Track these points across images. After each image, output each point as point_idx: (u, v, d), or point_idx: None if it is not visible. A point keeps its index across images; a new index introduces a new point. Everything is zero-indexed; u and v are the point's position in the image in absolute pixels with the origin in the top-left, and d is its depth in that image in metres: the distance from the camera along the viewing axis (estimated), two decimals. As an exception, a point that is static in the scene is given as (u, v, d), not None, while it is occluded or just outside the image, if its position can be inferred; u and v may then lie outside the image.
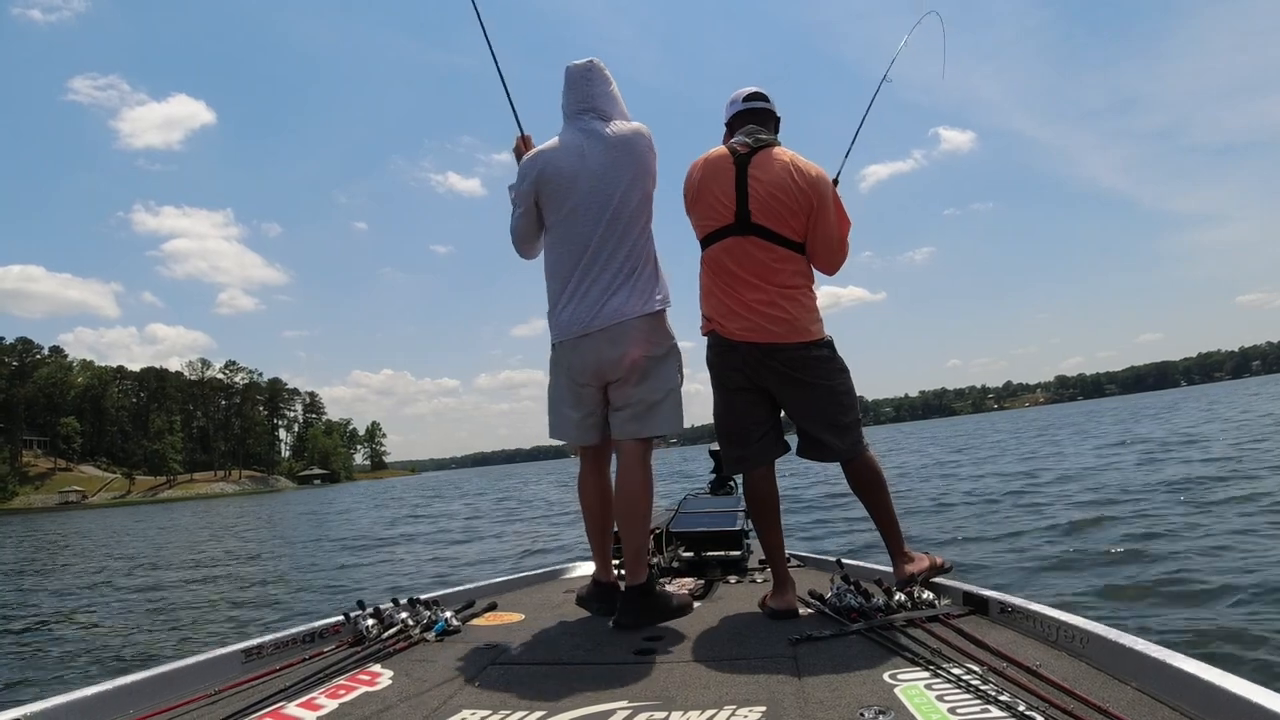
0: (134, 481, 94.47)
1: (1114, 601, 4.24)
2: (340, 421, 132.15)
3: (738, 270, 2.31)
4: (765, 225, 2.28)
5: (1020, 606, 1.95)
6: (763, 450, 2.41)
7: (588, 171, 2.32)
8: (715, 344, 2.42)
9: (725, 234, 2.33)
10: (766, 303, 2.29)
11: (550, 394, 2.51)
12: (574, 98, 2.41)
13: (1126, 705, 1.38)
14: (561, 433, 2.50)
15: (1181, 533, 5.79)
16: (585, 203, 2.33)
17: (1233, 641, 3.31)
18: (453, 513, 18.10)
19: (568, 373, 2.41)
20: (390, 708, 1.66)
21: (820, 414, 2.35)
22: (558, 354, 2.44)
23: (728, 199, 2.32)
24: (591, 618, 2.48)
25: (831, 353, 2.37)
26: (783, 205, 2.27)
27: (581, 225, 2.33)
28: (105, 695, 1.66)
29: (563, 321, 2.37)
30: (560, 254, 2.39)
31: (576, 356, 2.36)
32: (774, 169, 2.30)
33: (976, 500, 9.38)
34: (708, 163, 2.40)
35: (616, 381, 2.35)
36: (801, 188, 2.27)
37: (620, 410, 2.37)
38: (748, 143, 2.36)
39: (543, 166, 2.36)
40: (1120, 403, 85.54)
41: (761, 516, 2.44)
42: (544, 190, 2.37)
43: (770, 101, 2.50)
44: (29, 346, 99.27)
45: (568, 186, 2.33)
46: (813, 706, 1.51)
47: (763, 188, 2.28)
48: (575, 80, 2.41)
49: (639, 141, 2.38)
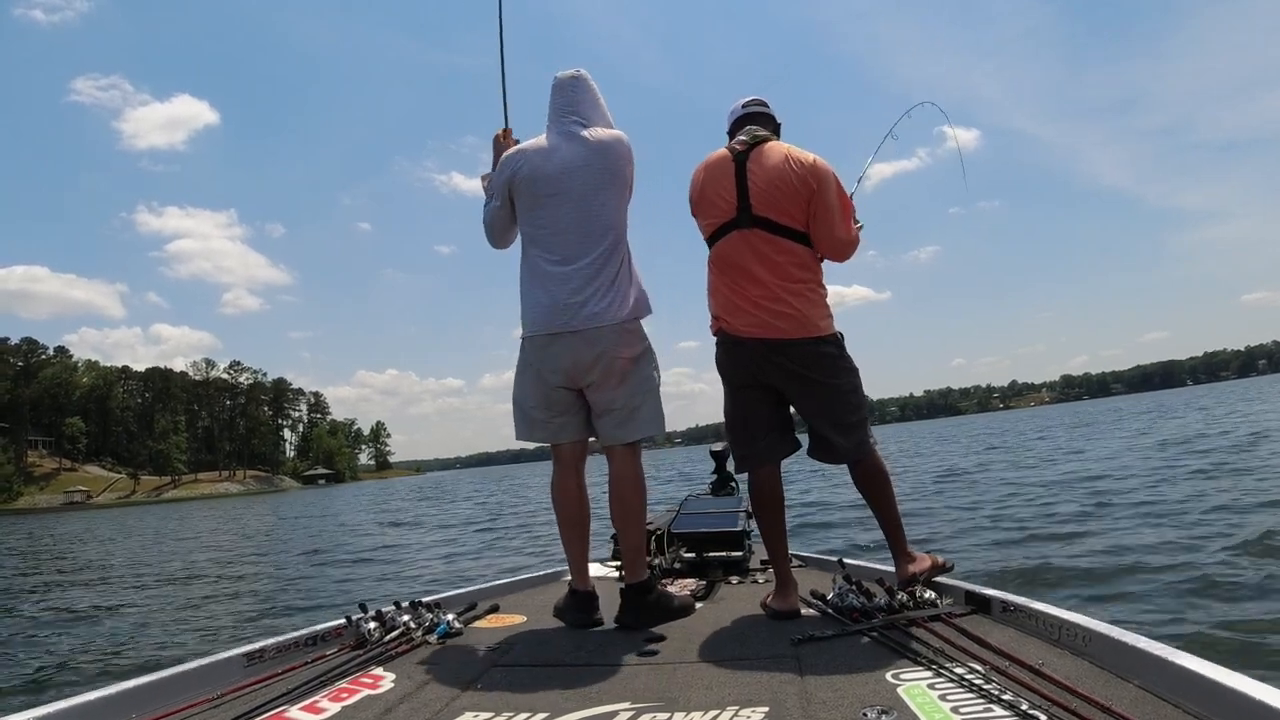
0: (139, 482, 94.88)
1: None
2: (345, 422, 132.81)
3: (742, 265, 2.32)
4: (767, 216, 2.29)
5: (1022, 605, 1.95)
6: (769, 449, 2.40)
7: (565, 172, 2.34)
8: (723, 342, 2.42)
9: (729, 229, 2.34)
10: (771, 297, 2.29)
11: (516, 393, 2.46)
12: (559, 102, 2.45)
13: (1130, 703, 1.37)
14: (528, 433, 2.45)
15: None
16: (560, 203, 2.34)
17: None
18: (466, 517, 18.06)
19: (537, 372, 2.38)
20: (393, 710, 1.66)
21: (826, 413, 2.34)
22: (527, 351, 2.41)
23: (729, 194, 2.33)
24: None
25: (839, 350, 2.36)
26: (782, 194, 2.28)
27: (556, 225, 2.35)
28: (107, 700, 1.66)
29: (536, 318, 2.35)
30: (534, 252, 2.40)
31: (548, 355, 2.34)
32: (771, 159, 2.32)
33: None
34: (709, 164, 2.42)
35: (592, 385, 2.34)
36: (799, 173, 2.28)
37: (604, 416, 2.37)
38: (745, 140, 2.38)
39: (521, 163, 2.39)
40: (1128, 401, 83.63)
41: (765, 517, 2.44)
42: (519, 186, 2.39)
43: (769, 108, 2.54)
44: (34, 347, 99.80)
45: (544, 185, 2.35)
46: (815, 707, 1.50)
47: (761, 179, 2.30)
48: (562, 87, 2.46)
49: (617, 148, 2.39)
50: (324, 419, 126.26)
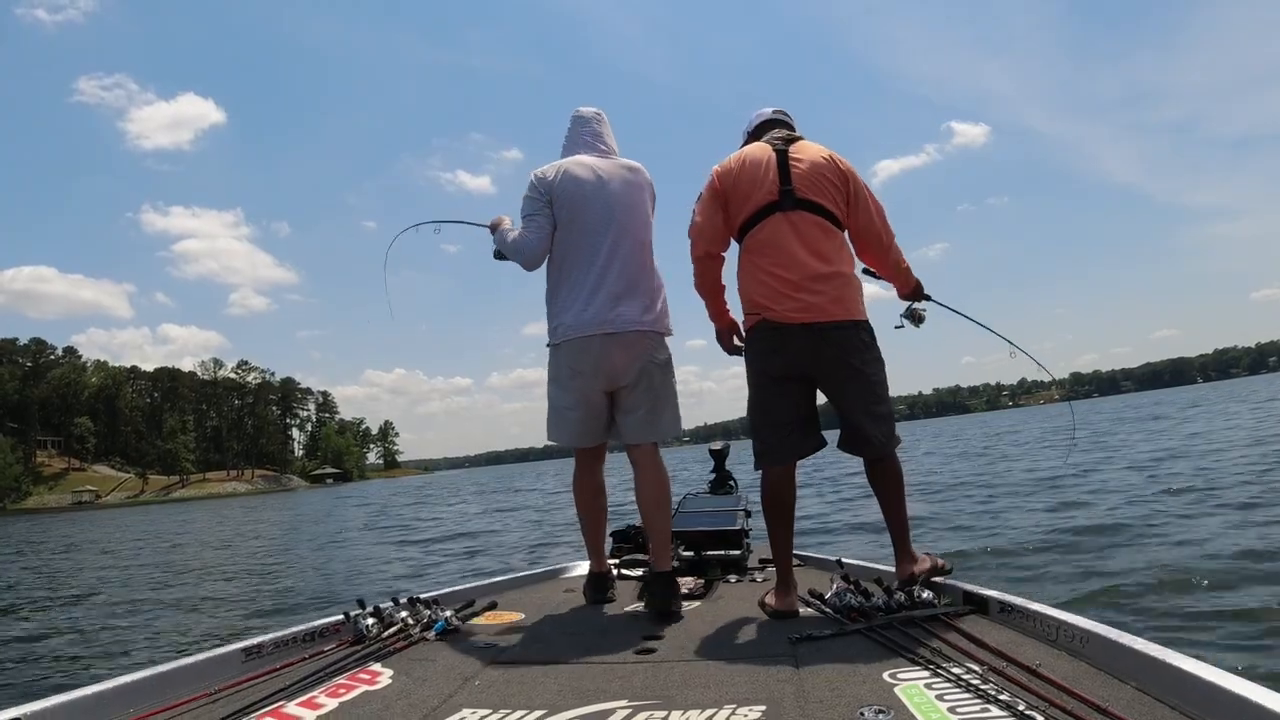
0: (147, 481, 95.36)
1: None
2: (353, 421, 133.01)
3: (784, 246, 2.31)
4: (811, 198, 2.34)
5: (1020, 606, 1.94)
6: (797, 444, 2.38)
7: (603, 188, 2.55)
8: (762, 332, 2.38)
9: (771, 211, 2.35)
10: (815, 277, 2.29)
11: (551, 396, 2.62)
12: (586, 131, 2.69)
13: (1126, 704, 1.37)
14: (562, 435, 2.62)
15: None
16: (598, 215, 2.52)
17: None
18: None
19: (571, 374, 2.52)
20: (390, 707, 1.66)
21: (861, 402, 2.34)
22: (562, 354, 2.54)
23: (772, 178, 2.36)
24: (591, 616, 2.50)
25: (873, 338, 2.40)
26: (825, 181, 2.36)
27: (593, 236, 2.52)
28: (104, 695, 1.67)
29: (579, 321, 2.48)
30: (571, 260, 2.54)
31: (585, 357, 2.48)
32: (812, 152, 2.41)
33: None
34: (745, 154, 2.45)
35: (627, 387, 2.51)
36: (840, 169, 2.38)
37: (630, 415, 2.54)
38: (782, 136, 2.46)
39: (564, 177, 2.56)
40: (1144, 398, 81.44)
41: (776, 517, 2.42)
42: (562, 198, 2.54)
43: (791, 119, 2.63)
44: (42, 347, 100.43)
45: (583, 197, 2.53)
46: (812, 706, 1.50)
47: (804, 166, 2.37)
48: (587, 120, 2.71)
49: (645, 173, 2.68)
50: (332, 418, 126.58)
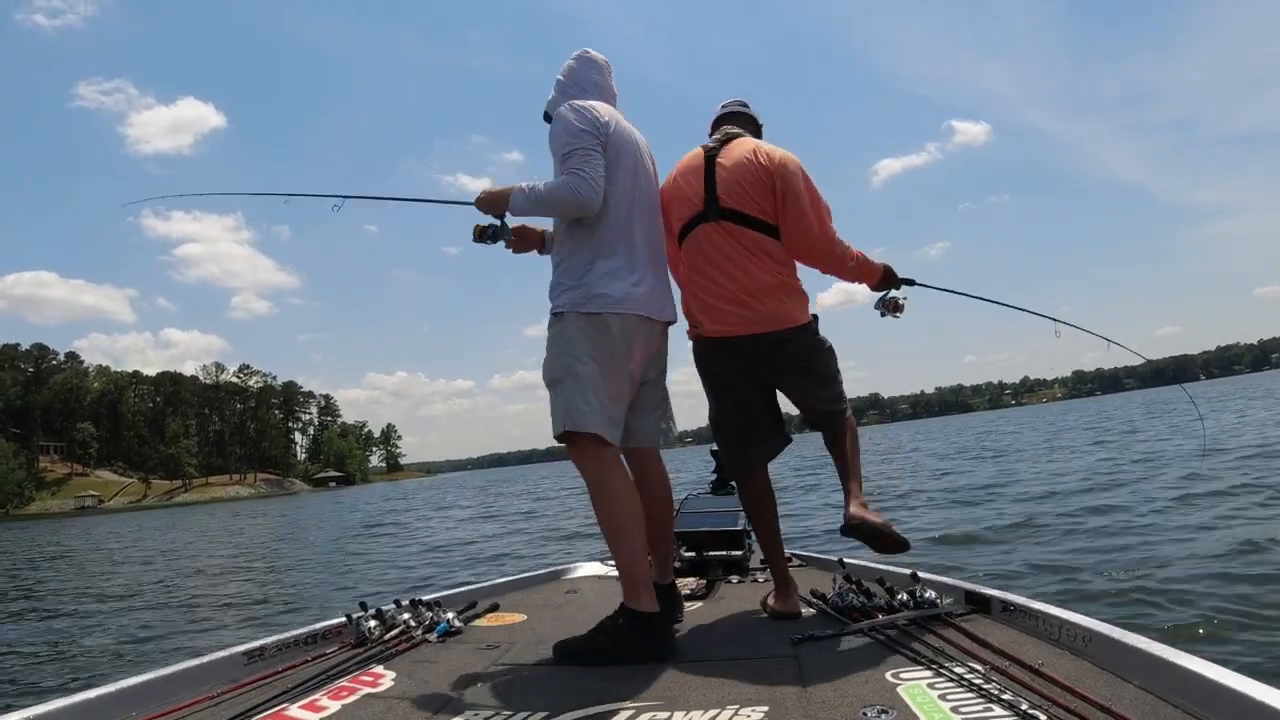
0: (150, 486, 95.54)
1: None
2: (356, 424, 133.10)
3: (711, 258, 2.27)
4: (733, 207, 2.25)
5: (1022, 605, 1.94)
6: (767, 450, 2.38)
7: (644, 155, 2.25)
8: (699, 346, 2.38)
9: (697, 223, 2.30)
10: (744, 290, 2.23)
11: (583, 374, 2.01)
12: (605, 83, 2.27)
13: (1129, 704, 1.36)
14: (594, 421, 2.00)
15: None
16: (648, 182, 2.25)
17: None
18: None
19: (613, 352, 2.04)
20: (393, 709, 1.66)
21: (808, 388, 2.33)
22: (607, 326, 2.03)
23: (698, 186, 2.30)
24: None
25: (814, 338, 2.33)
26: (747, 185, 2.24)
27: (645, 202, 2.20)
28: (106, 698, 1.67)
29: (631, 296, 2.06)
30: (617, 223, 2.09)
31: (638, 341, 2.08)
32: (737, 153, 2.29)
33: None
34: (681, 162, 2.41)
35: (650, 381, 2.22)
36: (763, 165, 2.24)
37: (648, 415, 2.24)
38: (718, 138, 2.39)
39: (617, 125, 2.14)
40: (1153, 394, 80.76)
41: (757, 516, 2.43)
42: (615, 145, 2.11)
43: (750, 108, 2.55)
44: (45, 352, 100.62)
45: (638, 158, 2.20)
46: (815, 706, 1.50)
47: (727, 171, 2.27)
48: (603, 69, 2.27)
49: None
50: (334, 422, 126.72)
